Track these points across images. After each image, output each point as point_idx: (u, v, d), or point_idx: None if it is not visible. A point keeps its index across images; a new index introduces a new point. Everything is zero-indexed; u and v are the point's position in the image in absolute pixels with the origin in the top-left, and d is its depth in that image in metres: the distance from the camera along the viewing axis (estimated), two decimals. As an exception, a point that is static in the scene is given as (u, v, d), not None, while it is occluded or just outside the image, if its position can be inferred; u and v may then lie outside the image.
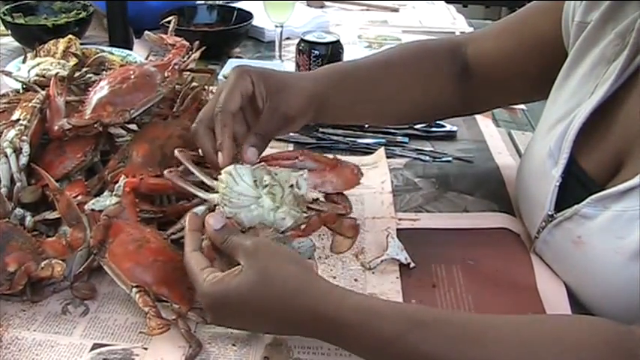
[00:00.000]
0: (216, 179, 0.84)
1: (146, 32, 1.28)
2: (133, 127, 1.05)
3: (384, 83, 1.01)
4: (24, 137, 0.95)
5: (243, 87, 0.88)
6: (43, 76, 1.14)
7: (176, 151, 0.88)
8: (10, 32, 1.58)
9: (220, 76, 1.35)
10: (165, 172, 0.87)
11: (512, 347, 0.67)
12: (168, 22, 1.26)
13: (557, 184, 0.86)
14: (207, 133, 0.87)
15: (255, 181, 0.83)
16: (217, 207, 0.81)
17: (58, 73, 1.10)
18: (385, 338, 0.68)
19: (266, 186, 0.82)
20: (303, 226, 0.84)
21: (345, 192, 0.95)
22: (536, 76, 1.00)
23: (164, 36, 1.22)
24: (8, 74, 1.21)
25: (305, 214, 0.84)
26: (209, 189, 0.84)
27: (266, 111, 0.90)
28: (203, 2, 1.78)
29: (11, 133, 0.95)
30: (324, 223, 0.87)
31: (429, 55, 1.06)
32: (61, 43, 1.34)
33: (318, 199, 0.89)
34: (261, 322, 0.74)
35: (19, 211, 0.90)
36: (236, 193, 0.81)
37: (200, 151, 0.90)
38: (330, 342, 0.72)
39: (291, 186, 0.83)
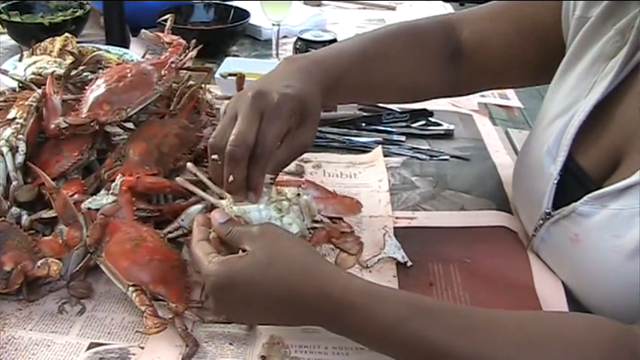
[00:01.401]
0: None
1: (143, 31, 1.27)
2: (130, 125, 1.05)
3: (381, 71, 1.00)
4: (20, 136, 0.95)
5: (287, 123, 0.80)
6: (40, 75, 1.14)
7: (178, 179, 0.87)
8: (6, 30, 1.58)
9: (217, 75, 1.34)
10: (177, 179, 0.87)
11: (515, 340, 0.67)
12: (165, 20, 1.26)
13: (555, 181, 0.85)
14: (245, 161, 0.78)
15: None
16: (226, 208, 0.80)
17: (54, 71, 1.09)
18: (388, 322, 0.67)
19: (274, 201, 0.81)
20: (308, 239, 0.85)
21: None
22: (532, 64, 1.00)
23: (161, 34, 1.22)
24: (4, 73, 1.20)
25: (309, 230, 0.84)
26: (218, 195, 0.84)
27: (286, 144, 0.83)
28: (200, 1, 1.77)
29: (7, 131, 0.95)
30: (329, 238, 0.88)
31: (423, 35, 1.04)
32: (58, 41, 1.33)
33: (322, 220, 0.90)
34: (264, 306, 0.72)
35: (15, 210, 0.90)
36: None
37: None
38: (332, 327, 0.71)
39: (298, 195, 0.83)
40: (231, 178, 0.77)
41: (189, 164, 0.88)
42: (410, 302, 0.70)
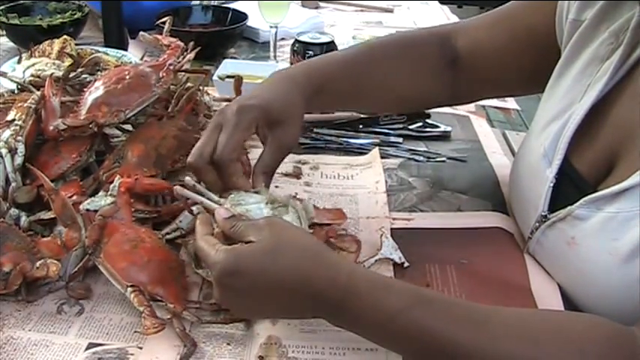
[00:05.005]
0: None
1: (141, 33, 1.28)
2: (128, 127, 1.05)
3: (372, 79, 1.01)
4: (19, 137, 0.95)
5: (246, 132, 0.86)
6: (38, 77, 1.14)
7: (176, 187, 0.85)
8: (5, 33, 1.59)
9: (215, 77, 1.35)
10: (175, 187, 0.85)
11: (516, 333, 0.67)
12: (163, 22, 1.27)
13: (551, 184, 0.86)
14: (209, 169, 0.84)
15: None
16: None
17: (53, 73, 1.10)
18: (391, 310, 0.68)
19: (271, 207, 0.82)
20: None
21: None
22: (529, 71, 1.00)
23: (159, 37, 1.22)
24: (3, 75, 1.21)
25: (309, 228, 0.85)
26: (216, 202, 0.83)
27: (269, 147, 0.88)
28: (198, 3, 1.78)
29: (6, 133, 0.96)
30: (327, 237, 0.88)
31: (417, 45, 1.05)
32: (56, 43, 1.34)
33: (316, 223, 0.90)
34: (271, 294, 0.71)
35: (14, 211, 0.91)
36: (249, 194, 0.83)
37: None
38: (336, 316, 0.71)
39: (294, 197, 0.84)
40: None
41: (187, 178, 0.86)
42: (413, 292, 0.70)
